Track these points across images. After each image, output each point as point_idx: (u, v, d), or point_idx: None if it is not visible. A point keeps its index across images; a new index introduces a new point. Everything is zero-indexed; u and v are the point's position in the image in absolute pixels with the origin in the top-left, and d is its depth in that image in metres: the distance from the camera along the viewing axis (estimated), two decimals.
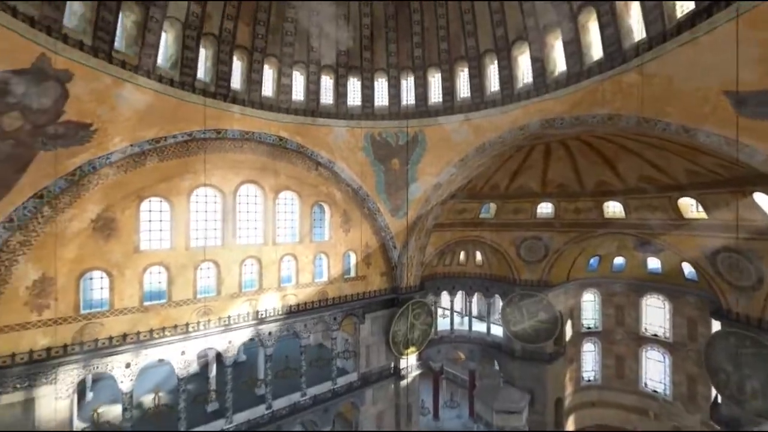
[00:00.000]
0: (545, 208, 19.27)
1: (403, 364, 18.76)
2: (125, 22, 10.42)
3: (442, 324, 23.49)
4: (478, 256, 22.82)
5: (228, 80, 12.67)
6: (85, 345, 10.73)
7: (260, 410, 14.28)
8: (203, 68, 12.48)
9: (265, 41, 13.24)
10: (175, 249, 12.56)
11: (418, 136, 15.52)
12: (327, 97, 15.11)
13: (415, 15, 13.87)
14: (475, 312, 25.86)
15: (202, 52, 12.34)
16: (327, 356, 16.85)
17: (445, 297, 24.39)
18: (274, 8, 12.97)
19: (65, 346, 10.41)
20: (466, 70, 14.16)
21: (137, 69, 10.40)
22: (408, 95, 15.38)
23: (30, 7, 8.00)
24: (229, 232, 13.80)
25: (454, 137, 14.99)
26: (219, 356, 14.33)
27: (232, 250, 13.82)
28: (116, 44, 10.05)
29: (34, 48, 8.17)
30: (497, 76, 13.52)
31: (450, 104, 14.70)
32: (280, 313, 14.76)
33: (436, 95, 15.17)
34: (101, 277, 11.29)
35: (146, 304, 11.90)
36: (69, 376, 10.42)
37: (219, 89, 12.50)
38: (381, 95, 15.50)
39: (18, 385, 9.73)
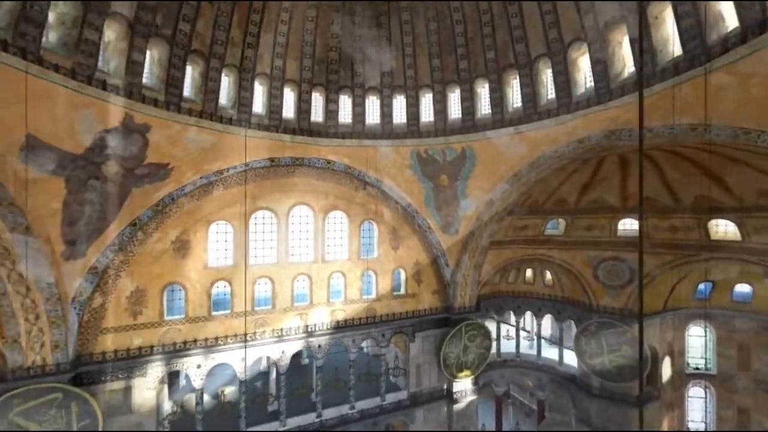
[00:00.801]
0: (629, 225, 16.35)
1: (457, 387, 17.95)
2: (193, 74, 12.19)
3: (507, 346, 21.78)
4: (548, 275, 20.51)
5: (279, 112, 13.78)
6: (166, 347, 12.90)
7: (311, 417, 15.23)
8: (259, 103, 13.82)
9: (312, 72, 14.03)
10: (237, 266, 14.20)
11: (466, 151, 14.66)
12: (373, 117, 15.31)
13: (457, 26, 13.13)
14: (545, 334, 23.32)
15: (258, 90, 13.69)
16: (376, 371, 17.07)
17: (507, 317, 22.56)
18: (318, 40, 13.67)
19: (152, 347, 12.68)
20: (517, 78, 12.85)
21: (201, 114, 12.05)
22: (454, 109, 14.65)
23: (116, 79, 9.95)
24: (283, 251, 15.05)
25: (504, 152, 13.77)
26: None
27: (285, 267, 15.03)
28: (185, 92, 11.83)
29: (119, 110, 10.12)
30: (552, 84, 11.95)
31: (499, 116, 13.52)
32: (328, 327, 15.53)
33: (485, 107, 14.13)
34: (180, 290, 13.41)
35: (213, 314, 13.75)
36: (154, 371, 12.65)
37: (272, 121, 13.68)
38: (427, 111, 15.08)
39: (120, 375, 12.20)
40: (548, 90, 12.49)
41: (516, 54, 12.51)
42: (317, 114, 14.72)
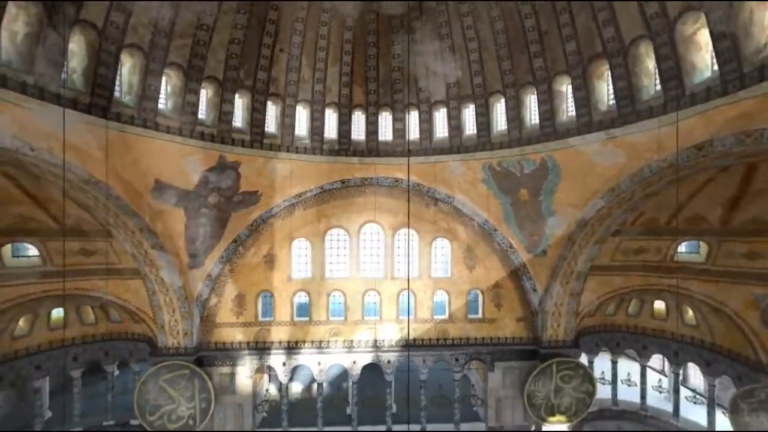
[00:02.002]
0: None
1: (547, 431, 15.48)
2: (275, 113, 14.11)
3: (627, 393, 17.48)
4: (690, 311, 15.50)
5: (349, 136, 14.62)
6: (259, 344, 15.32)
7: (381, 429, 15.61)
8: (332, 129, 14.93)
9: (377, 95, 14.37)
10: (314, 279, 15.74)
11: (547, 162, 12.53)
12: (441, 131, 14.65)
13: (527, 21, 11.32)
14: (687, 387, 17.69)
15: (331, 117, 14.81)
16: (451, 396, 16.18)
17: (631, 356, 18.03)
18: (381, 64, 13.91)
19: (248, 343, 15.26)
20: (607, 71, 10.25)
21: (280, 147, 13.86)
22: (531, 115, 12.70)
23: (212, 128, 12.41)
24: (354, 266, 15.88)
25: (596, 161, 11.19)
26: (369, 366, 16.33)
27: (357, 282, 15.83)
28: (266, 129, 13.78)
29: (216, 153, 12.59)
30: (656, 73, 9.08)
31: (587, 119, 11.05)
32: (397, 344, 15.61)
33: (568, 109, 11.78)
34: (270, 297, 15.72)
35: (295, 320, 15.60)
36: (250, 363, 15.19)
37: (342, 145, 14.61)
38: (499, 120, 13.53)
39: (227, 362, 15.12)
40: (654, 81, 9.55)
41: (604, 41, 9.99)
42: (385, 134, 14.98)
